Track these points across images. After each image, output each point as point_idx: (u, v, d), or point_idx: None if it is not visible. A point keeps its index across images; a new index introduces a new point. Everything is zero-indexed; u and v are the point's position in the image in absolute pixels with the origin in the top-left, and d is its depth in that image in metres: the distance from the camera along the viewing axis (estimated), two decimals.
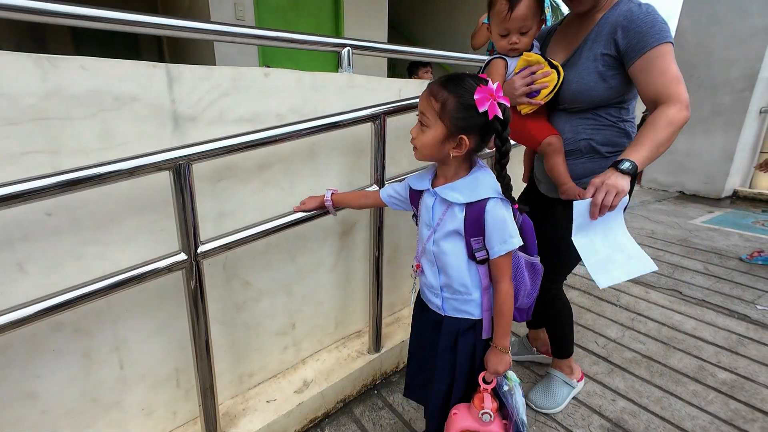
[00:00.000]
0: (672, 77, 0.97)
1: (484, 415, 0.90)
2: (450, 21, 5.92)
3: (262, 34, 1.36)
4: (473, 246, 0.86)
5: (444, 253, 0.90)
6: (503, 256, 0.86)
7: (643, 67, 0.99)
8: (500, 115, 0.79)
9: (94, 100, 0.86)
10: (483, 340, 0.95)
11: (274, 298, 1.33)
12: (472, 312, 0.94)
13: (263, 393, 1.32)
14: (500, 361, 0.91)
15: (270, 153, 1.18)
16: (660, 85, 0.97)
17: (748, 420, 1.30)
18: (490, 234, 0.84)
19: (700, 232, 3.06)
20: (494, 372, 0.92)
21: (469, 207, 0.85)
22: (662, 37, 0.97)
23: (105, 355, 1.00)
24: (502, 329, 0.91)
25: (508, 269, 0.88)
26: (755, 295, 2.09)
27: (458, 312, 0.94)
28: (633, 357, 1.63)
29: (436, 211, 0.90)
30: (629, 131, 1.15)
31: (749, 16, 3.53)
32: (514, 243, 0.84)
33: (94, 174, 0.78)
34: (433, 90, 0.82)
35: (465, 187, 0.86)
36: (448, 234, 0.88)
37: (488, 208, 0.83)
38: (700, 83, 3.91)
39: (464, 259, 0.89)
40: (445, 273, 0.92)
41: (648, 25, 0.99)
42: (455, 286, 0.92)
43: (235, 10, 3.55)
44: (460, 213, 0.86)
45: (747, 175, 4.12)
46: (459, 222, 0.86)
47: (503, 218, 0.84)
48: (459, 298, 0.93)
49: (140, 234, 0.99)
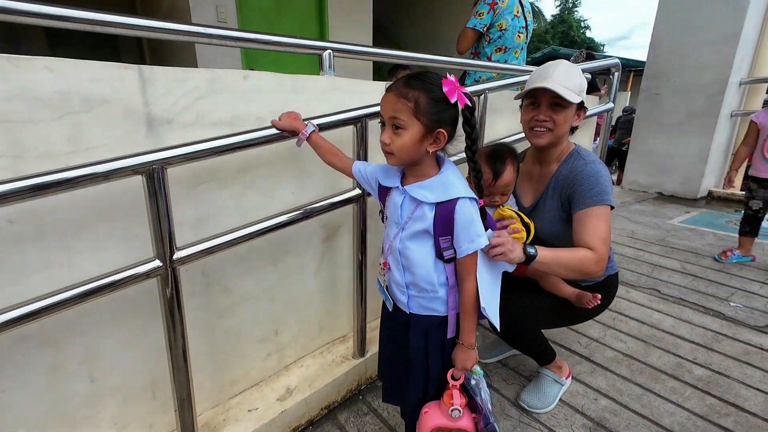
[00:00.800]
0: (600, 237, 1.11)
1: (454, 411, 0.92)
2: (434, 25, 5.98)
3: (241, 36, 1.33)
4: (441, 245, 0.87)
5: (411, 252, 0.90)
6: (470, 255, 0.87)
7: (581, 219, 1.15)
8: (469, 103, 0.82)
9: (60, 103, 0.83)
10: (449, 338, 0.96)
11: (256, 304, 1.30)
12: (438, 309, 0.94)
13: (245, 402, 1.29)
14: (467, 357, 0.93)
15: (251, 156, 1.16)
16: (589, 238, 1.11)
17: (723, 415, 1.34)
18: (458, 233, 0.85)
19: (678, 231, 3.14)
20: (462, 368, 0.94)
21: (439, 206, 0.85)
22: (600, 200, 1.14)
23: (74, 367, 0.96)
24: (467, 326, 0.93)
25: (474, 268, 0.90)
26: (729, 293, 2.15)
27: (425, 309, 0.94)
28: (614, 356, 1.65)
29: (404, 209, 0.90)
30: None
31: (719, 23, 3.67)
32: (481, 242, 0.86)
33: (62, 179, 0.75)
34: (401, 91, 0.81)
35: (436, 186, 0.86)
36: (416, 233, 0.88)
37: (458, 208, 0.84)
38: (676, 88, 4.03)
39: (431, 257, 0.89)
40: (411, 271, 0.92)
41: (591, 185, 1.15)
42: (422, 284, 0.92)
43: (217, 12, 3.50)
44: (429, 212, 0.86)
45: (721, 177, 4.26)
46: (429, 221, 0.86)
47: (471, 218, 0.85)
48: (425, 296, 0.93)
49: (112, 241, 0.96)
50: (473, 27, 2.24)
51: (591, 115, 2.62)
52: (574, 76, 1.15)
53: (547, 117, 1.16)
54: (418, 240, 0.89)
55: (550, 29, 28.03)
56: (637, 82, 8.04)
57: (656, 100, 4.19)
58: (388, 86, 0.85)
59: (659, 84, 4.15)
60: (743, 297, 2.10)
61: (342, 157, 1.11)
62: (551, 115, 1.16)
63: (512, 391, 1.47)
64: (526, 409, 1.37)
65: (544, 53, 12.65)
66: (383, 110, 0.84)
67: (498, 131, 1.97)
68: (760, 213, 2.43)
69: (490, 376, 1.55)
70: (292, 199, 1.29)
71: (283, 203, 1.26)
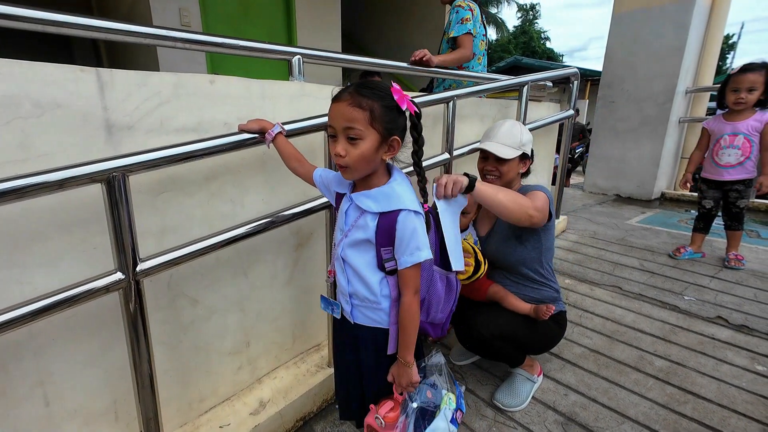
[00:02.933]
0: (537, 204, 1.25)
1: (377, 418, 0.93)
2: (402, 34, 6.09)
3: (209, 40, 1.31)
4: (383, 256, 0.85)
5: (352, 261, 0.89)
6: (410, 268, 0.84)
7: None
8: (417, 110, 0.86)
9: (7, 107, 0.77)
10: (389, 355, 0.94)
11: (226, 316, 1.26)
12: (382, 321, 0.92)
13: (215, 418, 1.24)
14: (403, 374, 0.91)
15: (217, 164, 1.13)
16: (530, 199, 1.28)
17: (681, 402, 1.42)
18: (398, 245, 0.84)
19: (636, 231, 3.33)
20: (399, 385, 0.92)
21: (383, 216, 0.84)
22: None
23: (26, 390, 0.89)
24: (404, 342, 0.90)
25: (413, 282, 0.86)
26: (682, 287, 2.29)
27: (369, 320, 0.93)
28: (582, 352, 1.72)
29: (349, 216, 0.90)
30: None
31: (665, 37, 3.95)
32: (421, 255, 0.83)
33: (11, 188, 0.70)
34: (355, 100, 0.78)
35: (381, 196, 0.85)
36: (358, 242, 0.87)
37: (400, 219, 0.82)
38: (629, 96, 4.30)
39: (373, 268, 0.88)
40: (353, 280, 0.91)
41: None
42: (363, 294, 0.90)
43: (180, 15, 3.40)
44: (372, 222, 0.85)
45: (672, 179, 4.56)
46: (371, 231, 0.84)
47: (414, 230, 0.83)
48: (369, 306, 0.91)
49: (69, 253, 0.90)
50: (468, 31, 2.26)
51: (554, 122, 2.75)
52: (515, 134, 1.39)
53: (493, 167, 1.41)
54: (360, 249, 0.88)
55: (513, 40, 29.23)
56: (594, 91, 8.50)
57: (612, 108, 4.45)
58: (335, 95, 0.81)
59: (614, 93, 4.41)
60: (695, 291, 2.25)
61: (305, 163, 1.08)
62: (497, 167, 1.40)
63: (487, 392, 1.49)
64: (500, 408, 1.40)
65: (507, 62, 13.14)
66: (335, 120, 0.80)
67: (467, 136, 2.03)
68: (713, 211, 2.62)
69: (465, 378, 1.57)
70: (262, 207, 1.26)
71: (254, 211, 1.23)
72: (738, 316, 1.96)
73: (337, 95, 0.81)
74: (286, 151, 1.08)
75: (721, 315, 1.97)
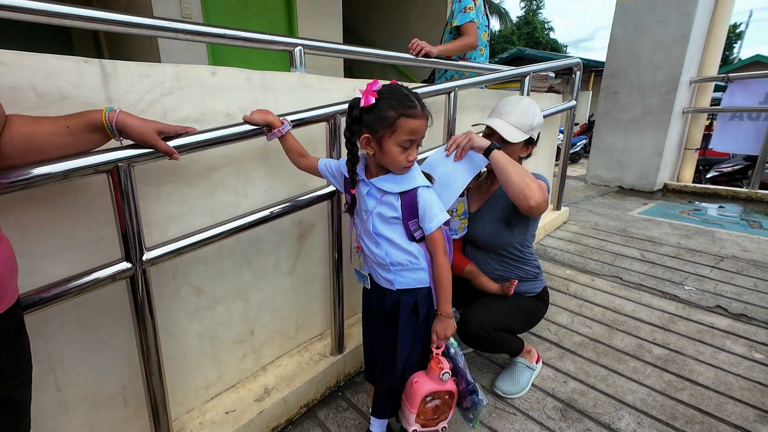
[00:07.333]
0: (542, 184, 1.27)
1: (444, 374, 1.00)
2: (404, 26, 6.03)
3: (210, 32, 1.31)
4: (410, 227, 1.00)
5: (388, 234, 1.00)
6: (436, 231, 0.98)
7: None
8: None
9: (12, 99, 0.78)
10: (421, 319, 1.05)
11: (230, 305, 1.28)
12: (422, 280, 1.03)
13: (221, 404, 1.27)
14: (446, 326, 1.03)
15: (220, 154, 1.14)
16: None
17: (679, 389, 1.44)
18: (422, 215, 0.98)
19: (637, 222, 3.33)
20: (444, 337, 1.04)
21: (403, 195, 0.98)
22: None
23: (38, 376, 0.91)
24: (443, 297, 1.02)
25: (441, 242, 1.00)
26: (683, 277, 2.31)
27: (413, 282, 1.03)
28: (581, 340, 1.74)
29: (370, 198, 1.01)
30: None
31: (669, 26, 3.90)
32: (441, 219, 0.98)
33: (19, 179, 0.72)
34: (429, 118, 0.94)
35: (399, 178, 0.98)
36: (388, 218, 0.99)
37: (419, 195, 0.97)
38: (632, 86, 4.26)
39: (405, 239, 1.01)
40: (391, 251, 1.01)
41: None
42: (404, 258, 1.01)
43: (180, 7, 3.38)
44: (396, 201, 0.98)
45: (674, 170, 4.54)
46: (397, 209, 0.98)
47: (431, 201, 0.98)
48: (411, 268, 1.02)
49: (76, 243, 0.92)
50: (472, 20, 2.23)
51: (555, 113, 2.74)
52: (528, 116, 1.34)
53: None
54: (391, 223, 1.00)
55: (516, 30, 28.85)
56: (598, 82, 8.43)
57: (615, 98, 4.41)
58: (412, 109, 0.90)
59: (617, 83, 4.37)
60: (696, 281, 2.26)
61: (307, 156, 1.16)
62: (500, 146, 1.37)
63: (487, 380, 1.52)
64: (500, 395, 1.42)
65: (510, 53, 13.00)
66: (418, 134, 0.93)
67: (468, 127, 2.02)
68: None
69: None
70: (265, 197, 1.27)
71: (256, 201, 1.25)
72: (737, 305, 1.98)
73: (415, 111, 0.90)
74: (291, 146, 1.14)
75: (720, 304, 1.99)
